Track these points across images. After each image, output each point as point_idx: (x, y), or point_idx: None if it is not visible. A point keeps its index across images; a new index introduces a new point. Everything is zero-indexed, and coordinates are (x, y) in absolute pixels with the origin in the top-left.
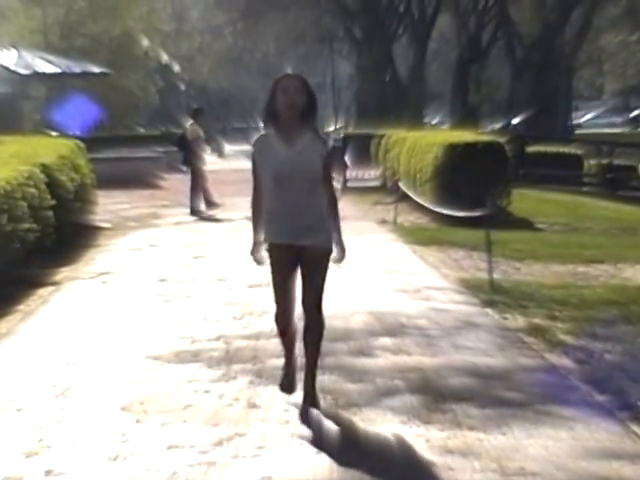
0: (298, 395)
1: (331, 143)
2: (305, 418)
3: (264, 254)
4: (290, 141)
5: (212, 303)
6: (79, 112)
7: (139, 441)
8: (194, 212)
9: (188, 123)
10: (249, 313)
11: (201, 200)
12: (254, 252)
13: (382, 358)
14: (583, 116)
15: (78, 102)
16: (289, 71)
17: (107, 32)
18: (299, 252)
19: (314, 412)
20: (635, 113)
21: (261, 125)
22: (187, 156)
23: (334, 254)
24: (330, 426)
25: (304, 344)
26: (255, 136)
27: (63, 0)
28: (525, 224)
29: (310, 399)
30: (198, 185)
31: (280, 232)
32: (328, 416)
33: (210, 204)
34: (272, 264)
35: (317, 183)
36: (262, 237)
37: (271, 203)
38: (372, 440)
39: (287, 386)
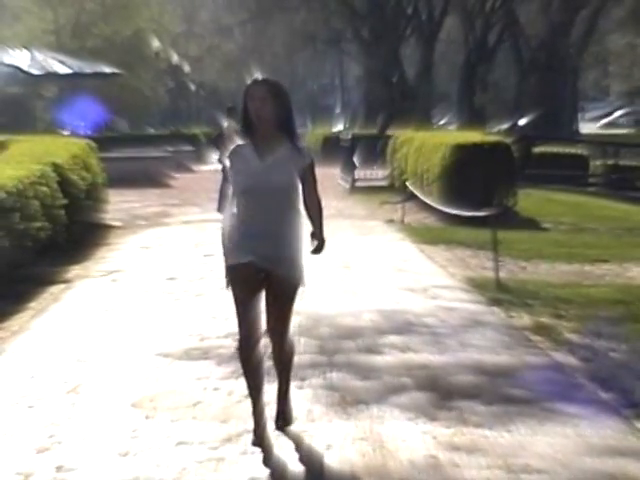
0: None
1: (311, 157)
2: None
3: None
4: (263, 153)
5: (221, 301)
6: (90, 112)
7: (149, 437)
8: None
9: (224, 122)
10: None
11: None
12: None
13: (390, 356)
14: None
15: (89, 102)
16: (258, 75)
17: (118, 33)
18: (263, 276)
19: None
20: None
21: None
22: (223, 154)
23: (313, 246)
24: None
25: (276, 371)
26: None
27: (74, 1)
28: (531, 224)
29: (283, 419)
30: None
31: (243, 252)
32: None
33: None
34: (232, 286)
35: (290, 201)
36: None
37: (236, 220)
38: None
39: (259, 440)
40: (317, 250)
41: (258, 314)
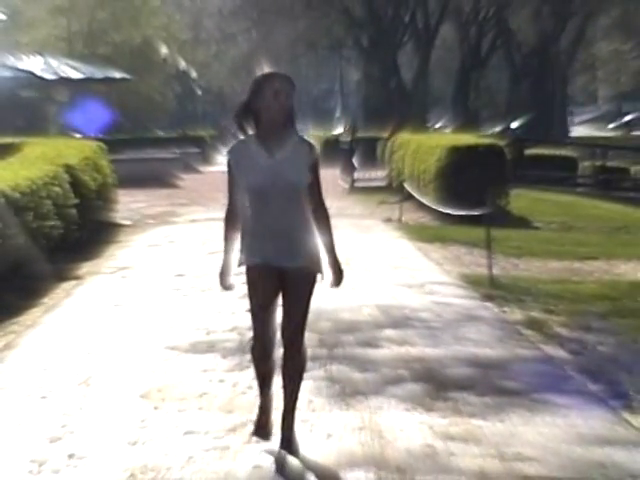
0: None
1: (317, 153)
2: (280, 464)
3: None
4: (272, 149)
5: (226, 296)
6: (101, 115)
7: (157, 427)
8: None
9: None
10: None
11: None
12: (223, 278)
13: (387, 349)
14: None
15: (100, 106)
16: (271, 69)
17: (128, 40)
18: (280, 275)
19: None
20: (627, 118)
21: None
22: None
23: (330, 278)
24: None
25: (282, 382)
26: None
27: (86, 10)
28: (523, 223)
29: (286, 443)
30: None
31: (258, 252)
32: (307, 465)
33: None
34: (249, 288)
35: (302, 196)
36: (235, 260)
37: (249, 219)
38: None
39: (261, 431)
40: (337, 283)
41: (274, 317)
